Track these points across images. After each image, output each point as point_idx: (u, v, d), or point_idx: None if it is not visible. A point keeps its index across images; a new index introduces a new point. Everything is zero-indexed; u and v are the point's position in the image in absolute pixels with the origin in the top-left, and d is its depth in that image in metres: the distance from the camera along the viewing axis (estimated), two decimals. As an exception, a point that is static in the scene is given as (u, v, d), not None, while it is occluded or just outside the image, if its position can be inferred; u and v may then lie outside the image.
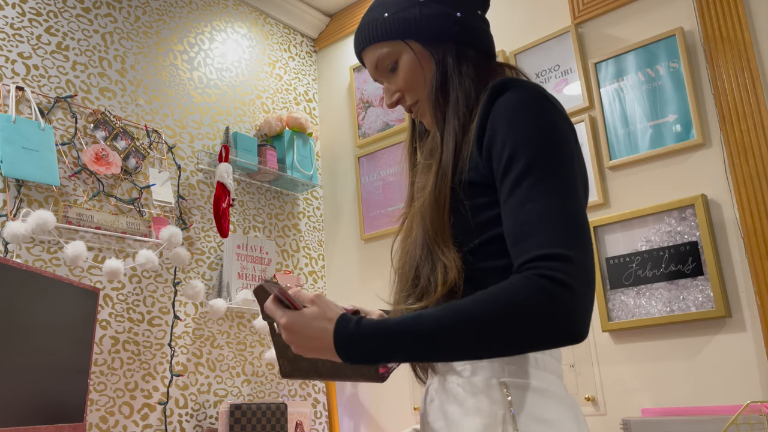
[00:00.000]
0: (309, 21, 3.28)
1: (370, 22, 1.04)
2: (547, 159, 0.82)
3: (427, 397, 0.95)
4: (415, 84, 1.02)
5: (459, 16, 1.00)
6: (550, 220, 0.79)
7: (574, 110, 2.38)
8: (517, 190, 0.82)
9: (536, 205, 0.80)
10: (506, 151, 0.84)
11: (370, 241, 2.90)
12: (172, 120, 2.57)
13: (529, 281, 0.76)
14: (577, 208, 0.81)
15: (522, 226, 0.80)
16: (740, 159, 2.02)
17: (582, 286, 0.76)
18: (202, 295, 2.35)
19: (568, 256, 0.76)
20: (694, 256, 2.05)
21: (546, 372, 0.87)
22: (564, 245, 0.77)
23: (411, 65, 1.01)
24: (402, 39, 1.01)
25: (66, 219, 2.10)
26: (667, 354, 2.08)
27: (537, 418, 0.83)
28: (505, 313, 0.76)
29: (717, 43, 2.11)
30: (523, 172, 0.82)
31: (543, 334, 0.75)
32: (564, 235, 0.78)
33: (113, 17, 2.47)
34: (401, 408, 2.67)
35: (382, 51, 1.03)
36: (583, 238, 0.79)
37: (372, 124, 3.01)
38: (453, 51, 1.00)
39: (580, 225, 0.80)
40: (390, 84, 1.05)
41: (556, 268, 0.76)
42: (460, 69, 0.99)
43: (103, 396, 2.10)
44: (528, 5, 2.61)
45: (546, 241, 0.77)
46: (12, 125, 1.99)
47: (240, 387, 2.54)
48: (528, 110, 0.86)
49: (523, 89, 0.88)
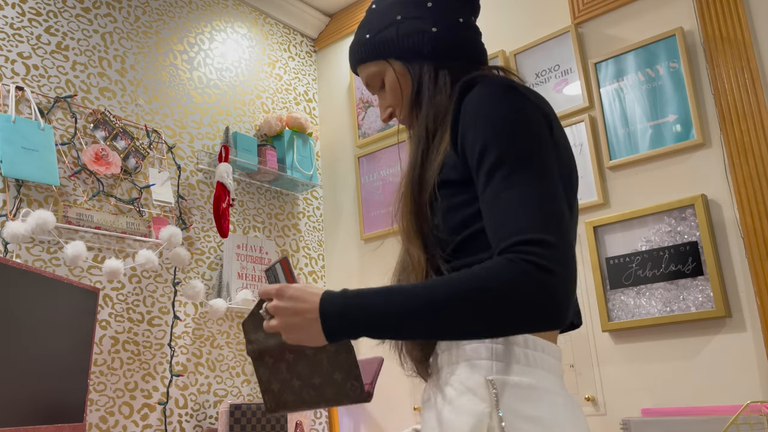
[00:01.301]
0: (309, 21, 3.28)
1: (356, 44, 1.09)
2: (517, 148, 0.84)
3: (424, 395, 0.96)
4: (399, 99, 1.06)
5: (435, 31, 1.02)
6: (526, 206, 0.80)
7: (574, 110, 2.38)
8: (491, 183, 0.83)
9: (511, 193, 0.81)
10: (477, 146, 0.86)
11: (370, 241, 2.90)
12: (172, 120, 2.56)
13: (512, 264, 0.77)
14: (553, 192, 0.82)
15: (499, 215, 0.81)
16: (740, 159, 2.02)
17: (563, 271, 0.77)
18: (202, 295, 2.35)
19: (548, 240, 0.77)
20: (694, 256, 2.05)
21: (538, 369, 0.86)
22: (543, 230, 0.78)
23: (393, 82, 1.06)
24: (384, 59, 1.06)
25: (66, 219, 2.10)
26: (667, 354, 2.08)
27: (524, 415, 0.82)
28: (487, 292, 0.76)
29: (717, 43, 2.11)
30: (494, 164, 0.84)
31: (524, 315, 0.76)
32: (542, 220, 0.79)
33: (113, 17, 2.47)
34: (401, 408, 2.67)
35: (370, 70, 1.08)
36: (560, 222, 0.80)
37: (372, 124, 3.01)
38: (431, 66, 1.03)
39: (557, 209, 0.81)
40: (382, 100, 1.10)
41: (537, 253, 0.76)
42: (435, 83, 1.02)
43: (103, 396, 2.10)
44: (528, 5, 2.61)
45: (525, 227, 0.78)
46: (12, 125, 1.99)
47: (240, 387, 2.54)
48: (495, 103, 0.87)
49: (489, 84, 0.90)
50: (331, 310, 0.83)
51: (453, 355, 0.89)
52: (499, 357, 0.86)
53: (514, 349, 0.86)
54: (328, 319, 0.83)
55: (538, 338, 0.88)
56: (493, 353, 0.86)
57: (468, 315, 0.77)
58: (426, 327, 0.79)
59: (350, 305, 0.82)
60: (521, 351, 0.86)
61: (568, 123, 2.38)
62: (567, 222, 0.81)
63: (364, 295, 0.82)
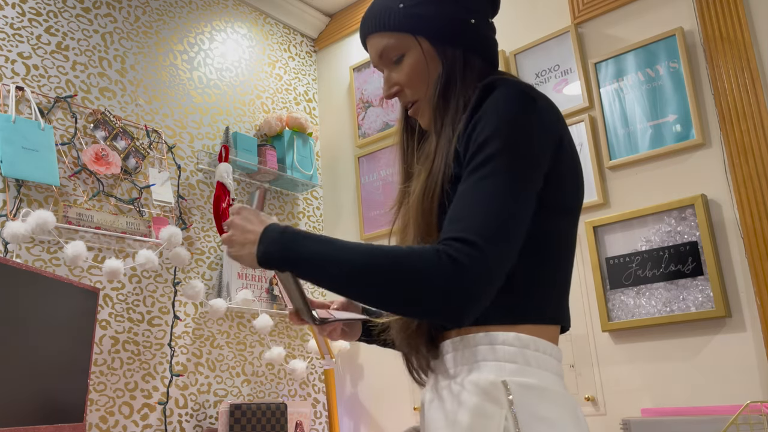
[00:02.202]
0: (309, 21, 3.28)
1: (382, 10, 1.00)
2: (505, 153, 0.84)
3: (427, 397, 0.95)
4: (419, 82, 1.00)
5: (473, 23, 0.99)
6: (480, 209, 0.82)
7: (574, 110, 2.38)
8: (469, 179, 0.85)
9: (478, 194, 0.83)
10: (477, 143, 0.87)
11: (370, 241, 2.90)
12: (172, 120, 2.57)
13: (435, 254, 0.80)
14: (512, 205, 0.82)
15: (457, 210, 0.84)
16: (740, 159, 2.02)
17: (479, 274, 0.78)
18: (202, 295, 2.35)
19: (477, 243, 0.79)
20: (694, 256, 2.05)
21: (546, 371, 0.87)
22: (479, 234, 0.80)
23: (417, 63, 0.99)
24: (412, 34, 0.99)
25: (66, 219, 2.10)
26: (667, 354, 2.08)
27: (538, 416, 0.83)
28: (400, 268, 0.80)
29: (717, 43, 2.11)
30: (480, 162, 0.85)
31: (426, 300, 0.79)
32: (485, 225, 0.80)
33: (113, 17, 2.47)
34: (401, 408, 2.67)
35: (389, 41, 1.00)
36: (504, 232, 0.81)
37: (372, 124, 3.01)
38: (461, 57, 0.98)
39: (507, 221, 0.81)
40: (391, 74, 1.03)
41: (462, 250, 0.79)
42: (464, 76, 0.98)
43: (103, 396, 2.10)
44: (528, 5, 2.61)
45: (467, 227, 0.81)
46: (12, 125, 1.99)
47: (240, 387, 2.54)
48: (506, 106, 0.87)
49: (508, 85, 0.89)
50: (267, 240, 0.88)
51: (463, 357, 0.89)
52: (510, 359, 0.86)
53: (524, 351, 0.87)
54: (261, 246, 0.88)
55: (543, 340, 0.89)
56: (505, 355, 0.86)
57: (374, 283, 0.81)
58: (339, 281, 0.84)
59: (285, 243, 0.87)
60: (531, 353, 0.87)
61: (569, 123, 2.38)
62: (509, 237, 0.81)
63: (300, 238, 0.87)
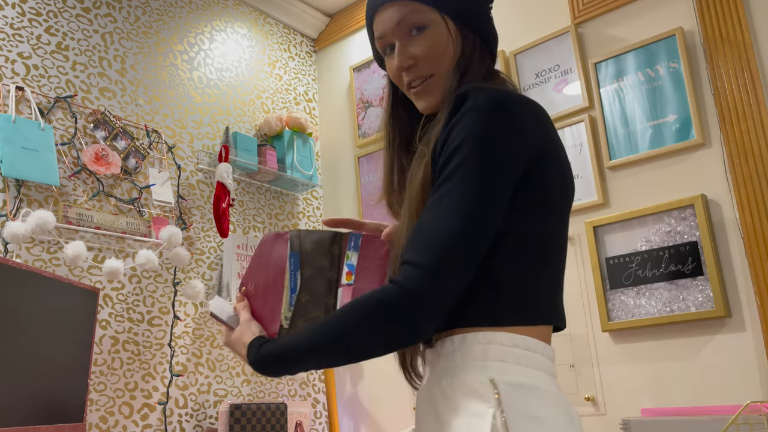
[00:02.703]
0: (309, 21, 3.28)
1: None
2: (467, 167, 0.83)
3: (420, 397, 0.95)
4: (437, 58, 0.97)
5: (489, 9, 1.02)
6: (430, 230, 0.83)
7: (574, 110, 2.38)
8: (434, 194, 0.85)
9: (432, 213, 0.84)
10: (446, 153, 0.86)
11: (370, 241, 2.90)
12: (172, 120, 2.57)
13: (383, 290, 0.83)
14: (467, 224, 0.82)
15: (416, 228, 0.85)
16: (740, 159, 2.02)
17: (419, 291, 0.80)
18: (202, 295, 2.35)
19: (419, 263, 0.81)
20: (694, 256, 2.05)
21: (537, 370, 0.87)
22: (423, 255, 0.81)
23: (441, 38, 0.97)
24: (438, 10, 0.97)
25: (66, 219, 2.10)
26: (667, 354, 2.08)
27: (527, 415, 0.82)
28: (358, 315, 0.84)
29: (717, 43, 2.11)
30: (447, 176, 0.85)
31: (375, 330, 0.82)
32: (432, 245, 0.81)
33: (113, 17, 2.47)
34: (401, 408, 2.67)
35: (414, 8, 0.97)
36: (452, 251, 0.81)
37: (372, 124, 3.01)
38: (479, 45, 1.00)
39: (455, 242, 0.81)
40: (406, 46, 0.98)
41: (405, 272, 0.81)
42: (479, 66, 0.99)
43: (103, 396, 2.10)
44: (528, 5, 2.61)
45: (412, 249, 0.83)
46: (12, 125, 1.99)
47: (240, 387, 2.54)
48: (474, 116, 0.86)
49: (481, 95, 0.87)
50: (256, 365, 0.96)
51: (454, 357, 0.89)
52: (499, 357, 0.86)
53: (513, 350, 0.86)
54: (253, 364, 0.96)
55: (533, 339, 0.88)
56: (494, 354, 0.86)
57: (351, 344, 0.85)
58: (318, 363, 0.89)
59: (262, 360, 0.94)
60: (521, 352, 0.87)
61: (568, 123, 2.38)
62: (460, 258, 0.81)
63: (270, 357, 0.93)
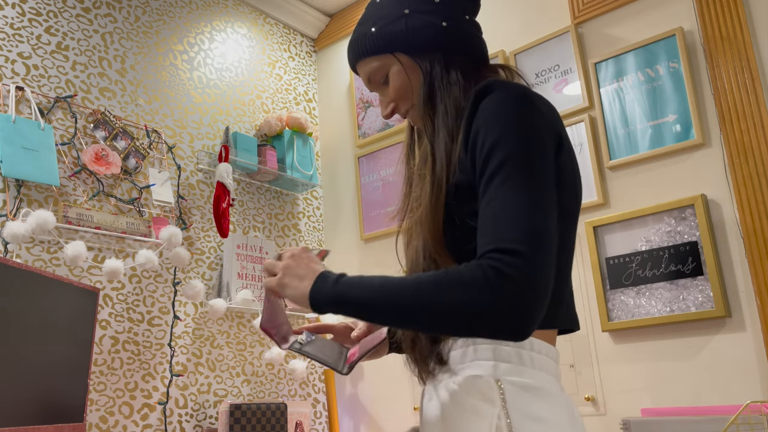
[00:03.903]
0: (309, 21, 3.28)
1: (359, 37, 1.07)
2: (519, 156, 0.84)
3: (426, 395, 0.96)
4: (405, 94, 1.04)
5: (445, 26, 1.02)
6: (510, 217, 0.80)
7: (574, 110, 2.38)
8: (489, 188, 0.84)
9: (501, 201, 0.82)
10: (484, 150, 0.86)
11: (370, 241, 2.90)
12: (172, 120, 2.57)
13: (479, 269, 0.78)
14: (542, 207, 0.82)
15: (486, 222, 0.83)
16: (740, 159, 2.02)
17: (525, 281, 0.77)
18: (202, 295, 2.35)
19: (520, 251, 0.78)
20: (694, 256, 2.05)
21: (541, 371, 0.88)
22: (519, 241, 0.78)
23: (399, 76, 1.03)
24: (390, 52, 1.03)
25: (66, 219, 2.10)
26: (667, 354, 2.08)
27: (531, 416, 0.83)
28: (448, 291, 0.79)
29: (717, 43, 2.11)
30: (495, 169, 0.84)
31: (477, 319, 0.77)
32: (520, 231, 0.79)
33: (113, 17, 2.47)
34: (401, 408, 2.67)
35: (372, 65, 1.05)
36: (538, 236, 0.79)
37: (372, 124, 3.01)
38: (441, 60, 1.01)
39: (540, 224, 0.80)
40: (384, 96, 1.08)
41: (506, 261, 0.77)
42: (448, 78, 1.00)
43: (103, 396, 2.10)
44: (528, 5, 2.61)
45: (503, 237, 0.80)
46: (12, 125, 1.99)
47: (240, 387, 2.54)
48: (506, 110, 0.87)
49: (505, 90, 0.90)
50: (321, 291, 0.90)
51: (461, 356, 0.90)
52: (505, 358, 0.87)
53: (519, 351, 0.87)
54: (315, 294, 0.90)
55: (540, 341, 0.89)
56: (500, 354, 0.87)
57: (428, 318, 0.81)
58: (395, 321, 0.84)
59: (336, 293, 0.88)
60: (527, 353, 0.88)
61: (568, 123, 2.38)
62: (549, 238, 0.81)
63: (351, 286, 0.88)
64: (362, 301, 0.85)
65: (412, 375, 0.98)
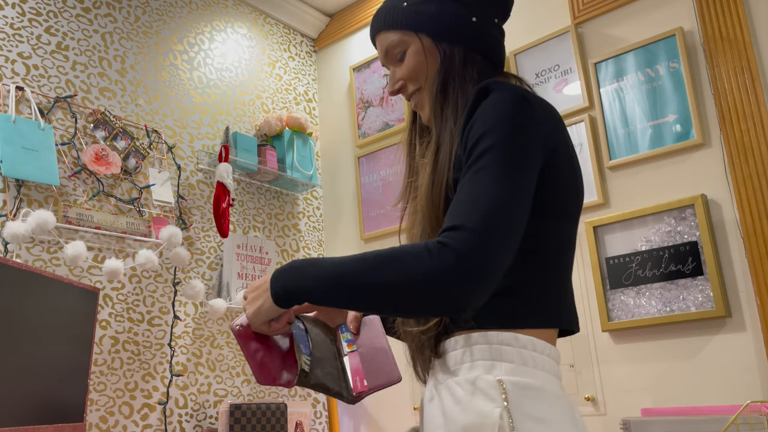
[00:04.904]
0: (309, 21, 3.28)
1: (388, 8, 1.06)
2: (500, 147, 0.84)
3: (426, 395, 0.96)
4: (418, 75, 1.04)
5: (474, 21, 1.02)
6: (475, 200, 0.81)
7: (574, 110, 2.38)
8: (466, 175, 0.85)
9: (471, 186, 0.83)
10: (471, 143, 0.88)
11: (370, 241, 2.90)
12: (172, 120, 2.57)
13: (425, 244, 0.80)
14: (509, 195, 0.82)
15: (454, 204, 0.84)
16: (740, 159, 2.02)
17: (470, 254, 0.77)
18: (202, 295, 2.35)
19: (469, 227, 0.79)
20: (693, 256, 2.05)
21: (543, 371, 0.88)
22: (471, 219, 0.79)
23: (416, 56, 1.03)
24: (414, 31, 1.03)
25: (66, 219, 2.10)
26: (667, 354, 2.08)
27: (533, 416, 0.83)
28: (391, 264, 0.80)
29: (717, 43, 2.11)
30: (476, 158, 0.85)
31: (416, 290, 0.78)
32: (477, 213, 0.80)
33: (113, 17, 2.47)
34: (401, 408, 2.67)
35: (394, 38, 1.05)
36: (496, 217, 0.80)
37: (372, 124, 3.01)
38: (461, 53, 1.02)
39: (500, 208, 0.81)
40: (396, 71, 1.08)
41: (452, 236, 0.79)
42: (464, 72, 1.00)
43: (103, 396, 2.10)
44: (528, 5, 2.61)
45: (458, 216, 0.81)
46: (12, 125, 1.99)
47: (240, 387, 2.54)
48: (501, 107, 0.88)
49: (504, 89, 0.90)
50: (276, 283, 0.92)
51: (463, 356, 0.90)
52: (507, 358, 0.87)
53: (521, 351, 0.87)
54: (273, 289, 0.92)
55: (541, 341, 0.89)
56: (502, 354, 0.87)
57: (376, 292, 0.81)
58: (347, 300, 0.84)
59: (288, 278, 0.91)
60: (528, 353, 0.88)
61: (569, 123, 2.38)
62: (509, 223, 0.81)
63: (300, 268, 0.90)
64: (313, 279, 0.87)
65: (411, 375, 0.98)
